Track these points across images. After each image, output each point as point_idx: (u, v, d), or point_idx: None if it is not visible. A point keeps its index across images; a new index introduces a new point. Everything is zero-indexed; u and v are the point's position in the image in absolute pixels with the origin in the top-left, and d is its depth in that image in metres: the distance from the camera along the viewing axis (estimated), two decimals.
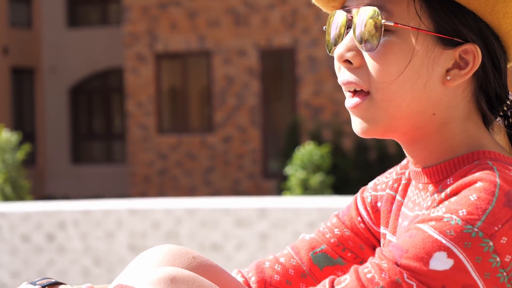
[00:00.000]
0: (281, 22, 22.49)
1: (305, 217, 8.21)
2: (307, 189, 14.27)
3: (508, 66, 1.65)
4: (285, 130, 22.27)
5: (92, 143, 28.51)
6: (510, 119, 1.68)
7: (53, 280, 1.73)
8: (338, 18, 1.64)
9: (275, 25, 22.56)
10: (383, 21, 1.56)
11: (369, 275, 1.47)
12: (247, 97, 22.82)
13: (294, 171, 14.55)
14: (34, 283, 1.70)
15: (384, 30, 1.57)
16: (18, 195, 14.22)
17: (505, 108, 1.67)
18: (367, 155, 20.45)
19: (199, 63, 23.43)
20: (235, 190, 22.81)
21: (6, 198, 14.08)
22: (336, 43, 1.65)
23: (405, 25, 1.56)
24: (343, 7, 1.65)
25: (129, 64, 23.65)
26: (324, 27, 1.69)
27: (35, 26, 28.52)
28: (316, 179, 14.29)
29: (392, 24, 1.56)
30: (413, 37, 1.57)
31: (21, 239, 8.77)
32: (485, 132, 1.64)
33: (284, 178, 18.86)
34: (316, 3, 1.74)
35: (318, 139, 20.05)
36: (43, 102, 28.61)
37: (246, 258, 8.15)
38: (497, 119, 1.70)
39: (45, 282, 1.71)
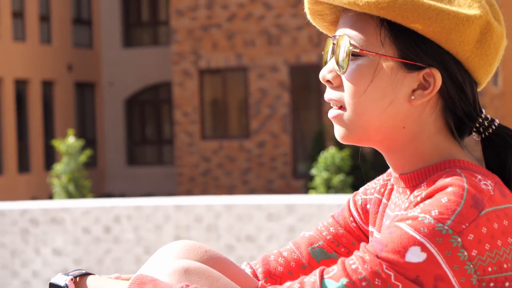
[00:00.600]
0: (308, 41, 22.38)
1: (328, 212, 8.17)
2: (330, 188, 14.21)
3: (479, 89, 1.65)
4: (311, 136, 22.16)
5: (145, 147, 28.49)
6: (483, 135, 1.67)
7: (83, 271, 1.71)
8: (328, 47, 1.67)
9: (303, 44, 22.46)
10: (350, 48, 1.58)
11: (353, 266, 1.47)
12: (279, 107, 22.73)
13: (319, 172, 14.49)
14: (67, 274, 1.69)
15: (355, 55, 1.59)
16: (81, 193, 14.25)
17: (477, 125, 1.66)
18: (383, 158, 20.25)
19: (236, 77, 23.34)
20: (268, 188, 22.70)
21: (70, 196, 14.11)
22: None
23: (369, 52, 1.58)
24: (333, 36, 1.67)
25: (177, 79, 23.62)
26: (322, 52, 1.73)
27: (95, 46, 28.55)
28: (338, 179, 14.22)
29: (358, 51, 1.58)
30: (378, 61, 1.59)
31: (83, 231, 8.78)
32: (455, 144, 1.64)
33: (311, 178, 18.76)
34: (320, 27, 1.77)
35: (340, 144, 19.96)
36: (103, 112, 28.64)
37: (276, 248, 8.14)
38: (473, 134, 1.69)
39: (77, 273, 1.70)
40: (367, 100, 1.59)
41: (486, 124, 1.67)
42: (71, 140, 14.75)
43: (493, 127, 1.67)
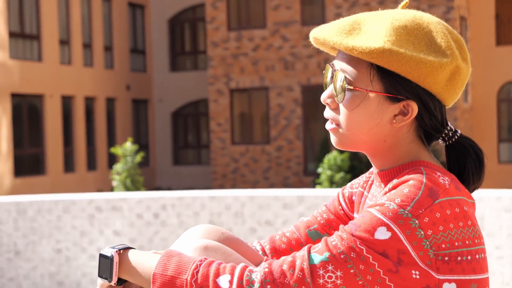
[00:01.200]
0: (317, 67, 22.26)
1: None
2: (333, 183, 14.16)
3: (447, 107, 1.68)
4: (319, 142, 22.07)
5: (187, 150, 28.44)
6: (447, 142, 1.70)
7: (126, 246, 1.71)
8: (327, 72, 1.68)
9: (313, 69, 22.35)
10: (346, 83, 1.60)
11: (334, 243, 1.51)
12: (293, 119, 22.65)
13: (324, 171, 14.45)
14: (113, 247, 1.69)
15: (349, 89, 1.61)
16: (135, 187, 14.27)
17: (443, 135, 1.68)
18: None
19: (259, 95, 23.25)
20: (284, 183, 22.61)
21: (127, 189, 14.13)
22: (325, 88, 1.69)
23: (360, 88, 1.60)
24: (331, 63, 1.68)
25: (212, 97, 23.58)
26: (323, 71, 1.75)
27: (148, 70, 28.57)
28: (339, 176, 14.18)
29: (352, 87, 1.60)
30: (367, 94, 1.60)
31: (136, 216, 8.78)
32: (424, 150, 1.66)
33: (317, 175, 18.72)
34: (317, 46, 1.77)
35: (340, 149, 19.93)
36: (153, 123, 28.65)
37: (282, 230, 8.11)
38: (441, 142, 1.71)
39: (121, 246, 1.70)
40: (357, 122, 1.62)
41: (450, 134, 1.70)
42: (128, 145, 14.77)
43: (456, 137, 1.70)
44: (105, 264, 1.70)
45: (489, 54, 23.10)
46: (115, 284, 1.70)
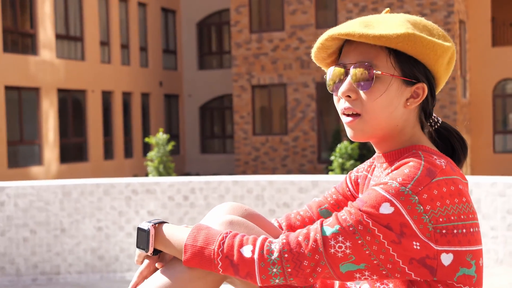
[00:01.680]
0: None
1: None
2: (343, 169, 14.14)
3: (436, 92, 1.69)
4: (331, 133, 22.03)
5: (213, 140, 28.50)
6: (434, 127, 1.72)
7: (161, 220, 1.76)
8: (337, 70, 1.66)
9: None
10: (374, 71, 1.59)
11: (343, 217, 1.52)
12: (308, 112, 22.63)
13: (336, 158, 14.44)
14: (149, 222, 1.73)
15: (375, 75, 1.60)
16: (167, 172, 14.31)
17: (431, 121, 1.71)
18: None
19: (278, 91, 23.23)
20: (300, 170, 22.61)
21: (160, 174, 14.18)
22: (335, 85, 1.68)
23: (386, 73, 1.60)
24: (339, 64, 1.67)
25: (236, 92, 23.59)
26: (324, 76, 1.74)
27: (178, 68, 28.64)
28: (349, 163, 14.15)
29: (380, 73, 1.60)
30: (389, 80, 1.61)
31: (168, 198, 8.81)
32: (422, 134, 1.68)
33: (330, 162, 18.70)
34: (315, 62, 1.76)
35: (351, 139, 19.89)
36: (183, 116, 28.73)
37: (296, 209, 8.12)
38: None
39: (156, 221, 1.74)
40: (381, 107, 1.62)
41: (436, 120, 1.74)
42: (161, 135, 14.81)
43: (439, 123, 1.74)
44: (142, 237, 1.74)
45: (486, 54, 23.09)
46: (151, 254, 1.74)
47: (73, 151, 23.02)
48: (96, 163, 23.60)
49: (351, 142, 15.66)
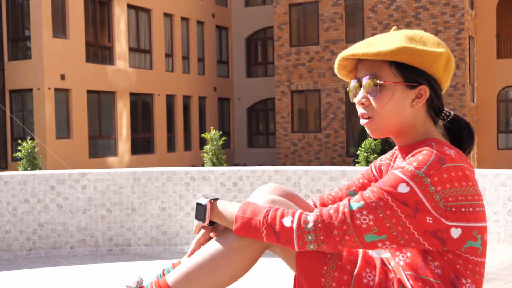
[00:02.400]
0: None
1: None
2: (368, 162, 14.00)
3: (442, 92, 1.68)
4: (358, 131, 21.85)
5: (258, 137, 28.49)
6: (445, 121, 1.70)
7: (216, 197, 1.78)
8: (354, 83, 1.68)
9: None
10: (377, 81, 1.61)
11: (367, 194, 1.53)
12: (338, 114, 22.48)
13: (362, 153, 14.32)
14: (207, 198, 1.76)
15: (379, 85, 1.61)
16: (219, 163, 14.33)
17: (443, 115, 1.69)
18: None
19: (313, 96, 23.12)
20: (331, 162, 22.47)
21: (213, 164, 14.19)
22: (353, 96, 1.70)
23: (389, 82, 1.61)
24: (355, 78, 1.69)
25: (278, 96, 23.55)
26: (346, 88, 1.74)
27: (230, 76, 28.71)
28: (373, 157, 14.02)
29: (382, 82, 1.61)
30: (393, 86, 1.61)
31: (220, 184, 8.82)
32: (434, 128, 1.67)
33: (357, 156, 18.57)
34: (340, 76, 1.77)
35: None
36: (233, 116, 28.78)
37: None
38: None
39: (212, 197, 1.76)
40: (390, 110, 1.62)
41: (448, 114, 1.71)
42: (214, 132, 14.85)
43: (451, 116, 1.71)
44: (200, 210, 1.76)
45: (491, 65, 22.84)
46: (207, 224, 1.76)
47: (142, 145, 23.26)
48: (161, 154, 23.81)
49: (374, 139, 15.55)
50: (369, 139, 14.99)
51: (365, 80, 1.64)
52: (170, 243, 9.04)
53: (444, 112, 1.70)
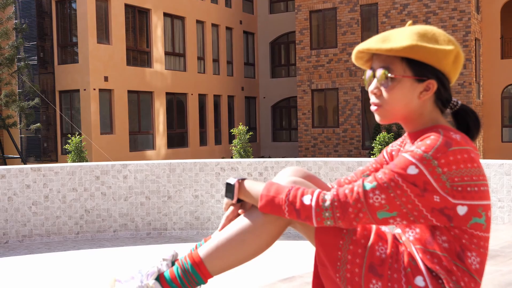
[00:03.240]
0: None
1: None
2: None
3: (451, 84, 1.65)
4: (373, 126, 21.77)
5: (282, 131, 28.46)
6: (453, 110, 1.68)
7: (244, 177, 1.77)
8: (368, 73, 1.67)
9: None
10: (388, 74, 1.59)
11: (379, 176, 1.51)
12: (355, 110, 22.34)
13: (376, 145, 14.24)
14: (235, 178, 1.76)
15: (389, 77, 1.60)
16: (247, 155, 14.36)
17: (451, 104, 1.67)
18: None
19: (332, 94, 23.03)
20: (349, 154, 22.36)
21: (241, 156, 14.23)
22: (368, 84, 1.68)
23: (399, 75, 1.58)
24: (371, 68, 1.67)
25: (299, 95, 23.51)
26: (362, 86, 1.73)
27: (256, 77, 28.70)
28: None
29: (393, 76, 1.59)
30: (403, 80, 1.59)
31: (247, 174, 8.82)
32: (441, 117, 1.64)
33: (372, 149, 18.46)
34: (357, 65, 1.76)
35: (388, 130, 19.59)
36: (259, 112, 28.76)
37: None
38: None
39: (240, 177, 1.77)
40: (397, 100, 1.60)
41: (455, 103, 1.68)
42: (242, 127, 14.88)
43: (458, 106, 1.68)
44: (229, 189, 1.77)
45: (496, 65, 22.57)
46: (235, 202, 1.76)
47: (177, 139, 23.39)
48: (194, 148, 23.92)
49: (388, 133, 15.45)
50: (383, 133, 14.89)
51: (379, 72, 1.62)
52: (202, 227, 9.08)
53: (452, 101, 1.67)
